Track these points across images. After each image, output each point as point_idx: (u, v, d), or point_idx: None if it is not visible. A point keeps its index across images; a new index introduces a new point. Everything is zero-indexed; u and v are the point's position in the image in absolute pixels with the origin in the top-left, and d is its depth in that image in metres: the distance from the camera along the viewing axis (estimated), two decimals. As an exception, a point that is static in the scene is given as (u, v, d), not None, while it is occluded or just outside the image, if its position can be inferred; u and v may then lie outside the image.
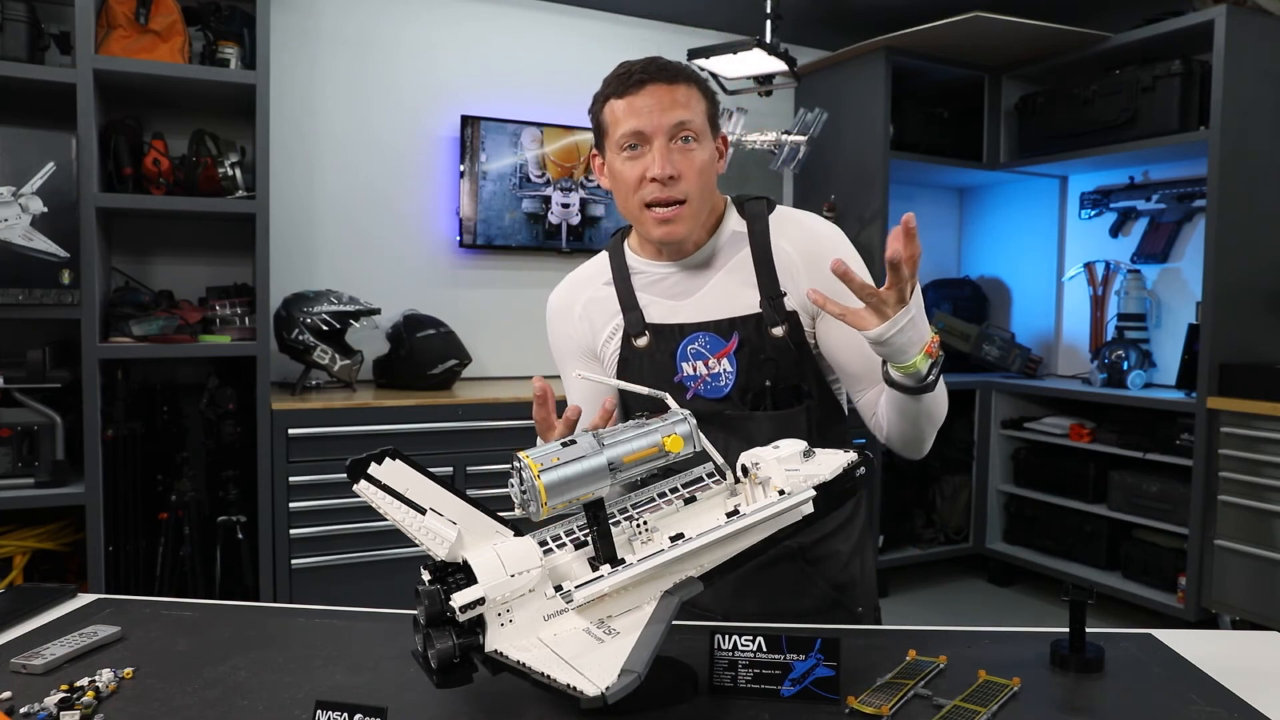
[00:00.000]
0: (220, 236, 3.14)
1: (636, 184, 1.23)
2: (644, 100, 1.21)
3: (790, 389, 1.28)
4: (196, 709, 0.93)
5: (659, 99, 1.21)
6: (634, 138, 1.22)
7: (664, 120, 1.20)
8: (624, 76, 1.23)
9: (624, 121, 1.22)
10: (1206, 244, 3.12)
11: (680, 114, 1.21)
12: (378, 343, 3.28)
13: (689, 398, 1.29)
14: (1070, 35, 3.47)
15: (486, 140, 3.50)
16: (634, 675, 0.79)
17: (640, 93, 1.21)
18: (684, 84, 1.23)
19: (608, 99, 1.24)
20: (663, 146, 1.21)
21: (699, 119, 1.23)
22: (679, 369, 1.29)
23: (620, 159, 1.24)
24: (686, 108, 1.22)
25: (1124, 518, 3.48)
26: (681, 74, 1.23)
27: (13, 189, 2.45)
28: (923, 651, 1.05)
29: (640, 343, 1.31)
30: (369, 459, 0.87)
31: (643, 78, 1.21)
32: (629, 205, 1.26)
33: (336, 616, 1.21)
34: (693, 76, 1.24)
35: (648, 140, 1.22)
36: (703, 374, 1.28)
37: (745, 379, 1.27)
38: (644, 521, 0.97)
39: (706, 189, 1.25)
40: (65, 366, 2.63)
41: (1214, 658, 1.06)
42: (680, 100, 1.21)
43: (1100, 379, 3.62)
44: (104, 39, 2.65)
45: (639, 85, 1.21)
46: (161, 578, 2.77)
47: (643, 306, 1.32)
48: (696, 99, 1.24)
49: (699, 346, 1.28)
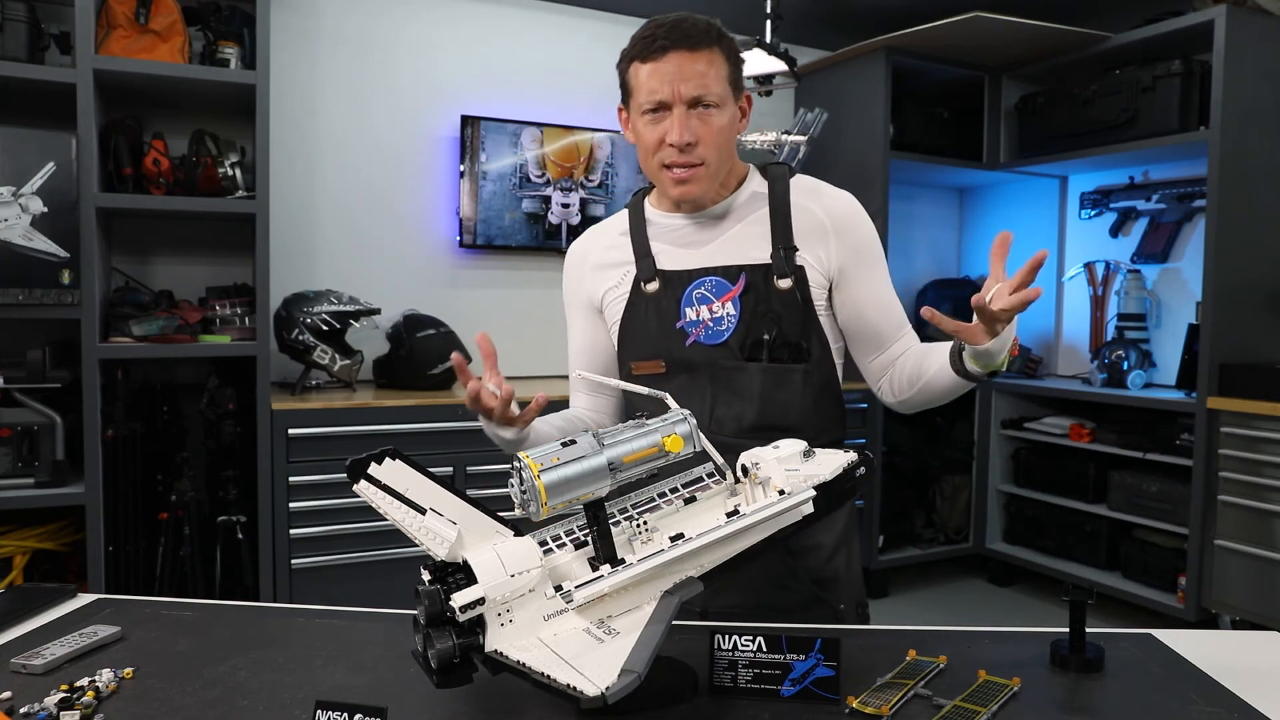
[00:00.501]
0: (220, 236, 3.14)
1: (656, 146, 1.27)
2: (666, 67, 1.23)
3: (791, 346, 1.30)
4: (196, 709, 0.93)
5: (680, 67, 1.22)
6: (655, 104, 1.25)
7: (684, 89, 1.23)
8: (649, 39, 1.24)
9: (646, 86, 1.25)
10: (1206, 244, 3.12)
11: (700, 83, 1.23)
12: (378, 343, 3.28)
13: (688, 344, 1.32)
14: (1070, 35, 3.47)
15: (486, 140, 3.50)
16: (634, 675, 0.79)
17: (663, 59, 1.23)
18: (706, 50, 1.24)
19: (632, 60, 1.27)
20: (682, 114, 1.24)
21: (720, 85, 1.25)
22: (682, 314, 1.32)
23: (642, 121, 1.27)
24: (707, 76, 1.23)
25: (1124, 518, 3.48)
26: (705, 38, 1.24)
27: (13, 189, 2.45)
28: (923, 651, 1.05)
29: (650, 288, 1.35)
30: (369, 459, 0.87)
31: (665, 44, 1.23)
32: (649, 164, 1.30)
33: (336, 616, 1.21)
34: (717, 39, 1.25)
35: (668, 107, 1.24)
36: (705, 319, 1.31)
37: (746, 327, 1.29)
38: (644, 521, 0.97)
39: (725, 151, 1.29)
40: (65, 366, 2.63)
41: (1214, 658, 1.06)
42: (701, 69, 1.23)
43: (1100, 379, 3.62)
44: (104, 39, 2.65)
45: (661, 51, 1.23)
46: (161, 578, 2.77)
47: (655, 254, 1.36)
48: (719, 63, 1.25)
49: (705, 290, 1.32)
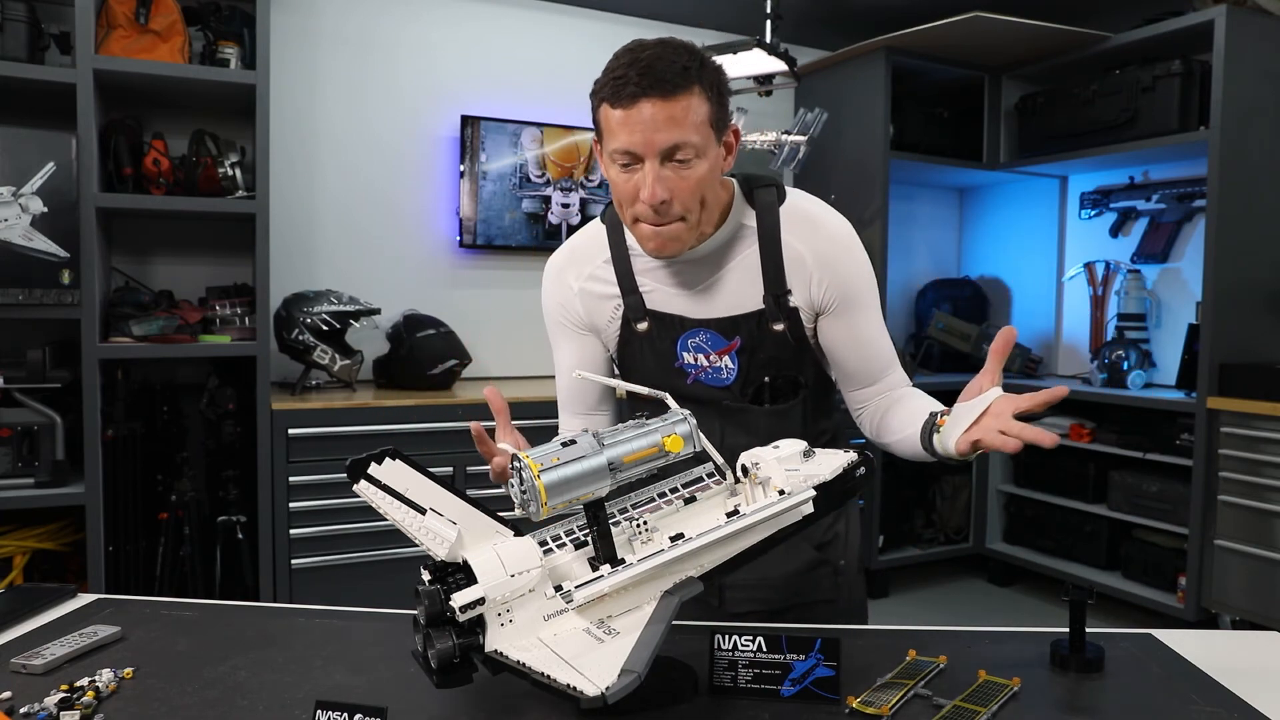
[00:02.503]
0: (220, 236, 3.14)
1: (629, 198, 1.16)
2: (637, 116, 1.10)
3: (788, 381, 1.30)
4: (196, 709, 0.93)
5: (653, 116, 1.10)
6: (626, 156, 1.13)
7: (657, 140, 1.11)
8: (620, 82, 1.11)
9: (617, 134, 1.13)
10: (1206, 244, 3.12)
11: (675, 134, 1.11)
12: (378, 343, 3.28)
13: (690, 383, 1.30)
14: (1070, 35, 3.47)
15: (486, 140, 3.50)
16: (634, 675, 0.79)
17: (633, 107, 1.10)
18: (683, 95, 1.10)
19: (602, 101, 1.14)
20: (654, 170, 1.12)
21: (699, 133, 1.12)
22: (679, 357, 1.30)
23: (614, 168, 1.16)
24: (683, 125, 1.11)
25: (1124, 518, 3.48)
26: (682, 80, 1.10)
27: (13, 189, 2.45)
28: (923, 651, 1.05)
29: (640, 327, 1.30)
30: (369, 459, 0.87)
31: (636, 92, 1.09)
32: (624, 214, 1.21)
33: (336, 616, 1.21)
34: (696, 77, 1.12)
35: (640, 159, 1.13)
36: (704, 364, 1.30)
37: (745, 375, 1.29)
38: (644, 521, 0.97)
39: (708, 197, 1.19)
40: (65, 366, 2.63)
41: (1214, 658, 1.06)
42: (677, 117, 1.10)
43: (1100, 379, 3.61)
44: (104, 39, 2.65)
45: (632, 99, 1.10)
46: (161, 578, 2.77)
47: (643, 291, 1.29)
48: (697, 106, 1.12)
49: (700, 341, 1.29)
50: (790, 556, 1.32)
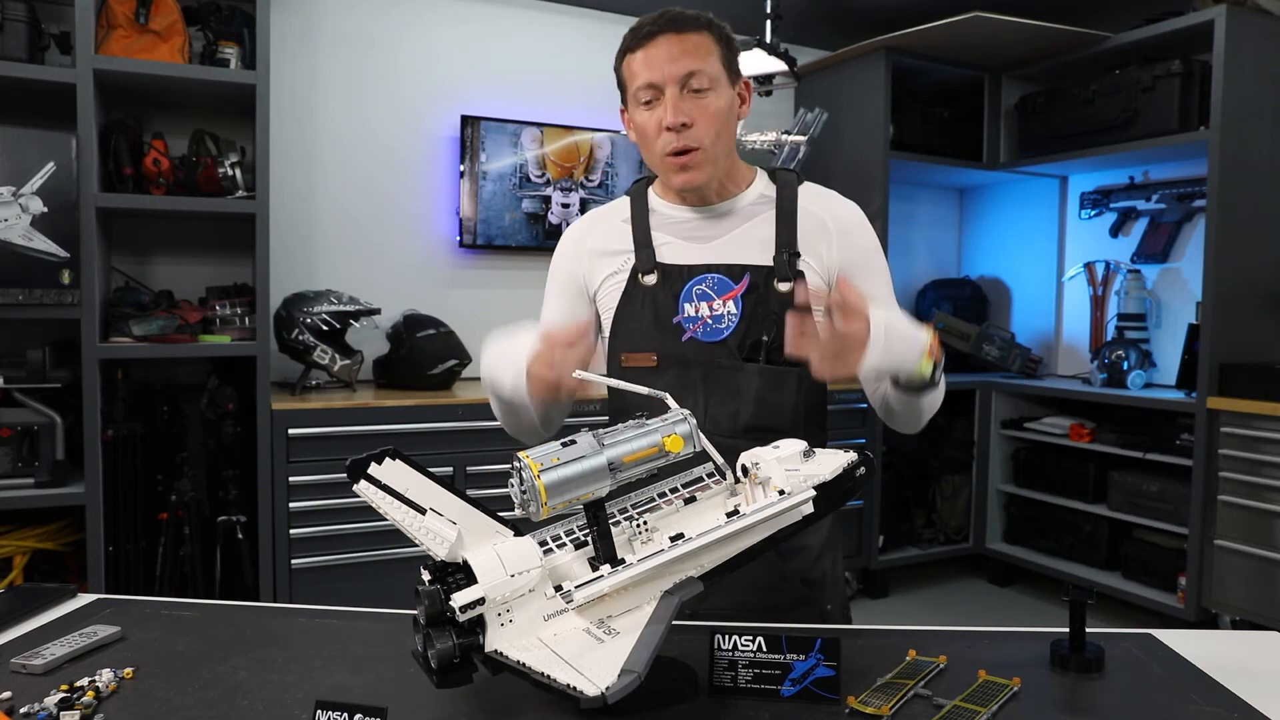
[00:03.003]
0: (220, 236, 3.14)
1: (655, 134, 1.27)
2: (655, 51, 1.24)
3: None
4: (196, 709, 0.93)
5: (669, 49, 1.23)
6: (648, 90, 1.25)
7: (674, 70, 1.23)
8: (637, 30, 1.26)
9: (639, 74, 1.26)
10: (1206, 244, 3.12)
11: (690, 63, 1.23)
12: (378, 343, 3.28)
13: (684, 340, 1.30)
14: (1070, 35, 3.47)
15: (486, 140, 3.50)
16: (634, 675, 0.79)
17: (651, 44, 1.24)
18: (695, 32, 1.24)
19: (624, 54, 1.28)
20: (674, 95, 1.24)
21: (712, 66, 1.25)
22: (680, 309, 1.31)
23: (639, 111, 1.28)
24: (696, 56, 1.24)
25: (1124, 518, 3.48)
26: (693, 22, 1.25)
27: (13, 189, 2.45)
28: (923, 651, 1.05)
29: (648, 280, 1.33)
30: (369, 459, 0.87)
31: (652, 29, 1.24)
32: (652, 156, 1.30)
33: (336, 616, 1.21)
34: (706, 24, 1.26)
35: (660, 91, 1.25)
36: (704, 315, 1.30)
37: (746, 326, 1.29)
38: (644, 521, 0.97)
39: (723, 134, 1.28)
40: (65, 366, 2.63)
41: (1214, 658, 1.06)
42: (690, 49, 1.24)
43: (1100, 379, 3.62)
44: (104, 39, 2.65)
45: (649, 37, 1.24)
46: (161, 578, 2.77)
47: (656, 245, 1.35)
48: (709, 46, 1.25)
49: (706, 287, 1.31)
50: (777, 589, 1.30)
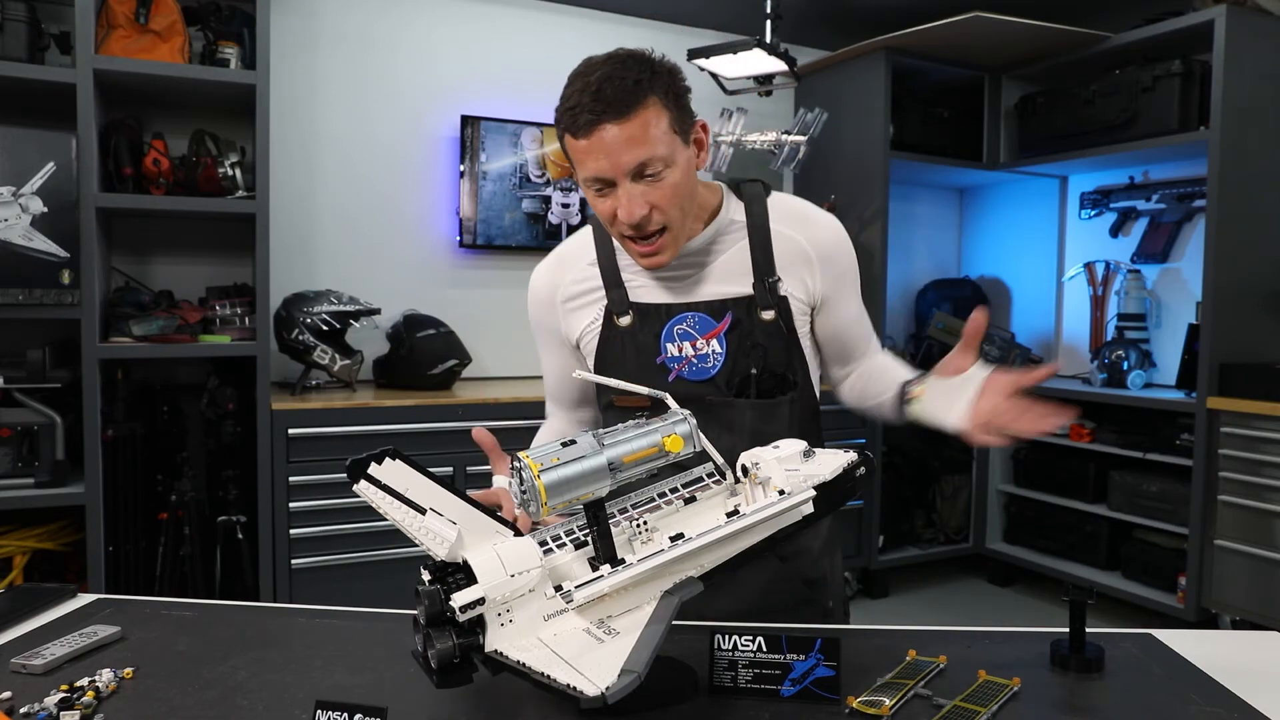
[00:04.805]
0: (220, 236, 3.14)
1: (611, 219, 1.19)
2: (599, 142, 1.12)
3: (776, 377, 1.27)
4: (196, 709, 0.93)
5: (614, 139, 1.11)
6: (598, 182, 1.16)
7: (624, 161, 1.12)
8: (574, 112, 1.12)
9: (585, 163, 1.15)
10: (1206, 244, 3.12)
11: (640, 152, 1.12)
12: (378, 343, 3.28)
13: (671, 380, 1.27)
14: (1070, 35, 3.47)
15: (486, 140, 3.50)
16: (634, 675, 0.79)
17: (594, 134, 1.11)
18: (638, 111, 1.11)
19: (565, 132, 1.16)
20: (627, 190, 1.14)
21: (663, 144, 1.13)
22: (663, 349, 1.27)
23: (592, 194, 1.19)
24: (645, 142, 1.12)
25: (1124, 518, 3.48)
26: (635, 97, 1.11)
27: (13, 189, 2.45)
28: (923, 651, 1.05)
29: (623, 322, 1.29)
30: (369, 459, 0.87)
31: (591, 119, 1.11)
32: (610, 232, 1.24)
33: (336, 616, 1.21)
34: (648, 91, 1.12)
35: (612, 183, 1.15)
36: (689, 355, 1.27)
37: (733, 363, 1.26)
38: (644, 521, 0.97)
39: (686, 203, 1.20)
40: (65, 366, 2.63)
41: (1214, 658, 1.06)
42: (637, 135, 1.11)
43: (1100, 379, 3.61)
44: (104, 39, 2.65)
45: (590, 127, 1.11)
46: (161, 578, 2.77)
47: (628, 285, 1.29)
48: (655, 117, 1.13)
49: (687, 327, 1.27)
50: (779, 590, 1.30)
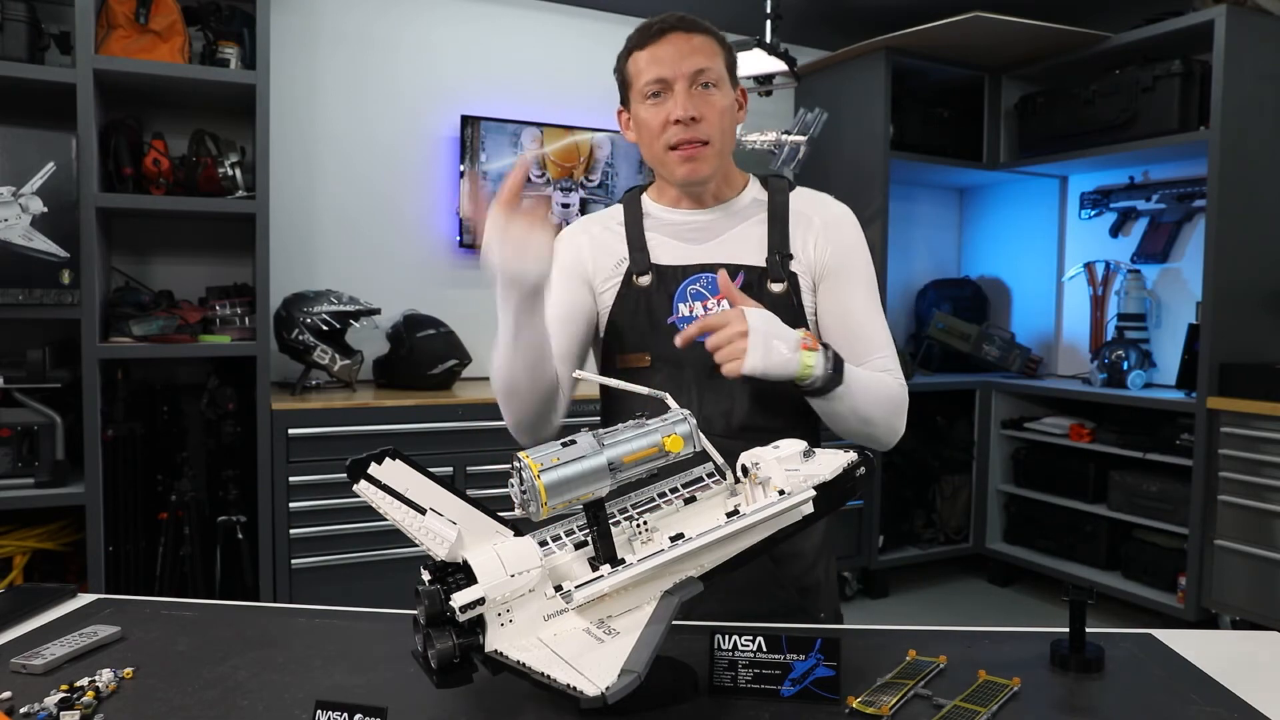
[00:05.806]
0: (220, 236, 3.14)
1: (660, 128, 1.30)
2: (665, 49, 1.29)
3: None
4: (196, 709, 0.93)
5: (679, 47, 1.29)
6: (657, 85, 1.29)
7: (684, 66, 1.28)
8: (645, 29, 1.31)
9: (647, 70, 1.30)
10: (1206, 244, 3.12)
11: (700, 60, 1.28)
12: (378, 343, 3.28)
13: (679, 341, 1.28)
14: (1070, 35, 3.47)
15: (486, 140, 3.50)
16: (634, 675, 0.78)
17: (661, 42, 1.29)
18: (702, 35, 1.30)
19: (631, 51, 1.33)
20: (684, 90, 1.28)
21: (718, 67, 1.31)
22: (675, 309, 1.33)
23: (645, 106, 1.31)
24: (705, 54, 1.29)
25: (1124, 518, 3.48)
26: (699, 25, 1.31)
27: (13, 189, 2.45)
28: (923, 651, 1.05)
29: (642, 281, 1.35)
30: (369, 459, 0.87)
31: (663, 28, 1.30)
32: (654, 150, 1.33)
33: (336, 616, 1.21)
34: (710, 29, 1.33)
35: (670, 86, 1.29)
36: (699, 315, 1.30)
37: None
38: (644, 521, 0.97)
39: (727, 132, 1.32)
40: (65, 366, 2.63)
41: (1214, 658, 1.06)
42: (699, 47, 1.29)
43: (1100, 379, 3.62)
44: (104, 39, 2.65)
45: (659, 35, 1.29)
46: (161, 578, 2.77)
47: (650, 247, 1.37)
48: (715, 49, 1.31)
49: (700, 287, 1.32)
50: (771, 596, 1.30)
